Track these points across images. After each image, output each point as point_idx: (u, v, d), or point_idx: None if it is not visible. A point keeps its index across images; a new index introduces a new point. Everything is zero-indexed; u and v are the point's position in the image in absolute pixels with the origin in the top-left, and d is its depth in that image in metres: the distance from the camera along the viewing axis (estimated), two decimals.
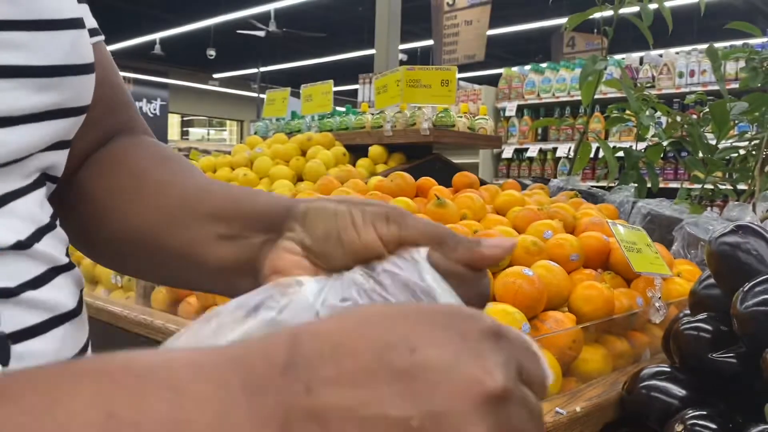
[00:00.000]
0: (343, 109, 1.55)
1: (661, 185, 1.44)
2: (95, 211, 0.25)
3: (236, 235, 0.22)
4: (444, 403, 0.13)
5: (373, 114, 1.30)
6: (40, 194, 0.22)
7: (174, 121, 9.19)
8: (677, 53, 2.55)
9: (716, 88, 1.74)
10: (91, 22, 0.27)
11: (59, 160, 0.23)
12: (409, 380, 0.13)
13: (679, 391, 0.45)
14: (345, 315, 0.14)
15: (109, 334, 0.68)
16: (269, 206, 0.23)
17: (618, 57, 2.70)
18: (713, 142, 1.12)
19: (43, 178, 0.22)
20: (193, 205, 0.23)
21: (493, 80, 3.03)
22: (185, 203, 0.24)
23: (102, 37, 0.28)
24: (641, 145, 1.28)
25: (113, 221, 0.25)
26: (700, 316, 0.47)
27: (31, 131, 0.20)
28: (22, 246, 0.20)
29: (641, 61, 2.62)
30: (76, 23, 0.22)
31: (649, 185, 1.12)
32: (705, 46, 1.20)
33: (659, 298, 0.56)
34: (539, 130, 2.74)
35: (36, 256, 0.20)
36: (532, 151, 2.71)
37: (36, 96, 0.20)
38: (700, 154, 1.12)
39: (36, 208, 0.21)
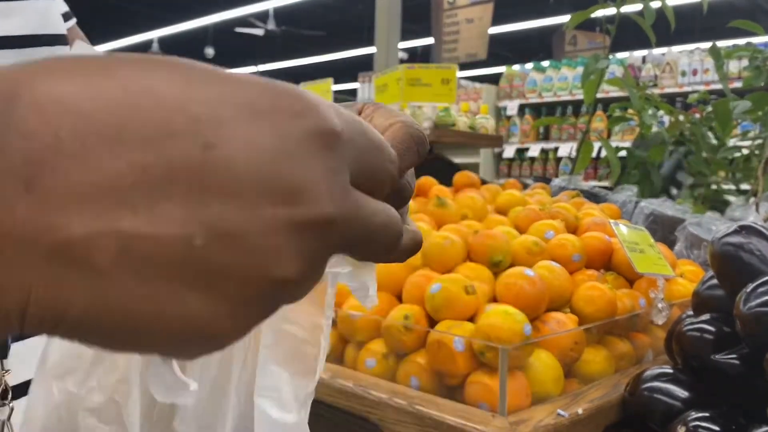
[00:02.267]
0: None
1: None
2: None
3: None
4: (243, 221, 0.09)
5: None
6: None
7: None
8: (680, 52, 2.54)
9: (719, 87, 1.73)
10: (62, 6, 0.26)
11: None
12: (195, 185, 0.09)
13: (682, 393, 0.44)
14: (121, 56, 0.09)
15: None
16: None
17: (620, 56, 2.70)
18: (716, 142, 1.11)
19: None
20: None
21: (494, 79, 3.02)
22: None
23: (75, 20, 0.28)
24: None
25: None
26: (703, 317, 0.46)
27: None
28: None
29: (644, 59, 2.62)
30: None
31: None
32: (708, 44, 1.20)
33: (662, 299, 0.55)
34: (541, 130, 2.73)
35: None
36: (534, 150, 2.71)
37: None
38: (704, 154, 1.12)
39: None
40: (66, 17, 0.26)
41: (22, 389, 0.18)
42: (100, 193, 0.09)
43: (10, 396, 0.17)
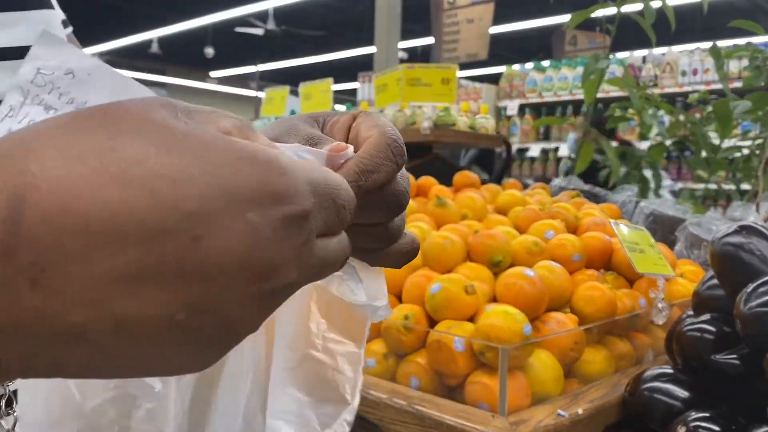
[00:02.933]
0: (342, 107, 1.54)
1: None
2: None
3: None
4: (220, 299, 0.11)
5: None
6: None
7: None
8: (680, 52, 2.54)
9: (719, 86, 1.73)
10: (60, 12, 0.26)
11: None
12: (184, 274, 0.10)
13: (682, 393, 0.44)
14: (103, 159, 0.10)
15: None
16: None
17: (620, 55, 2.69)
18: (716, 142, 1.11)
19: None
20: None
21: (494, 79, 3.02)
22: None
23: (71, 29, 0.28)
24: (644, 145, 1.28)
25: None
26: (703, 317, 0.46)
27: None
28: None
29: (644, 59, 2.61)
30: (44, 3, 0.22)
31: (652, 185, 1.11)
32: (708, 44, 1.20)
33: (662, 299, 0.55)
34: (541, 129, 2.73)
35: None
36: (534, 150, 2.71)
37: (9, 81, 0.19)
38: (704, 154, 1.12)
39: None
40: (64, 24, 0.26)
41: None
42: (98, 287, 0.10)
43: (15, 404, 0.17)
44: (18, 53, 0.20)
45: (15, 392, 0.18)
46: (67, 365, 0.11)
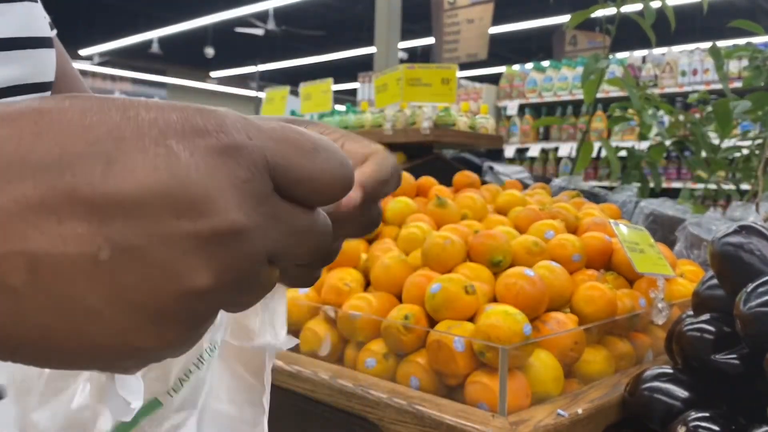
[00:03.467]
0: (342, 107, 1.55)
1: (664, 185, 1.44)
2: None
3: None
4: (146, 235, 0.10)
5: (373, 113, 1.30)
6: None
7: None
8: (680, 52, 2.54)
9: (719, 86, 1.73)
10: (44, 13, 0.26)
11: None
12: (98, 204, 0.09)
13: (682, 393, 0.44)
14: (23, 105, 0.10)
15: None
16: None
17: (620, 55, 2.69)
18: (716, 142, 1.11)
19: None
20: None
21: (494, 79, 3.02)
22: None
23: (55, 31, 0.28)
24: (644, 145, 1.28)
25: None
26: (703, 317, 0.46)
27: None
28: None
29: (644, 59, 2.61)
30: None
31: (651, 185, 1.12)
32: (708, 44, 1.20)
33: (662, 299, 0.55)
34: (541, 130, 2.73)
35: None
36: (534, 150, 2.70)
37: None
38: (703, 154, 1.12)
39: None
40: (51, 27, 0.26)
41: None
42: (7, 216, 0.09)
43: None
44: (1, 45, 0.20)
45: None
46: None
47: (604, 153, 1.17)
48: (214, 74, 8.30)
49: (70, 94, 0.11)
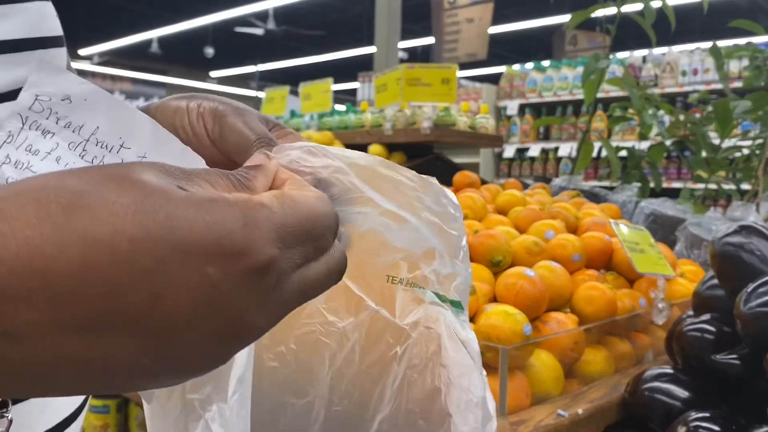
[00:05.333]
0: (342, 107, 1.55)
1: (664, 185, 1.43)
2: None
3: None
4: (182, 345, 0.12)
5: (373, 113, 1.30)
6: None
7: None
8: (680, 52, 2.53)
9: (719, 86, 1.73)
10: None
11: None
12: (146, 329, 0.11)
13: (682, 393, 0.44)
14: (58, 232, 0.11)
15: None
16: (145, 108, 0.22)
17: (620, 55, 2.69)
18: (716, 142, 1.11)
19: None
20: None
21: (494, 79, 3.02)
22: None
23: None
24: (644, 145, 1.28)
25: None
26: (703, 317, 0.46)
27: (7, 110, 0.19)
28: None
29: (644, 59, 2.61)
30: None
31: (652, 185, 1.11)
32: (708, 44, 1.20)
33: (662, 299, 0.55)
34: (541, 129, 2.73)
35: None
36: (534, 150, 2.70)
37: (10, 72, 0.19)
38: (704, 154, 1.12)
39: None
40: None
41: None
42: (62, 337, 0.11)
43: (9, 407, 0.17)
44: (13, 46, 0.20)
45: None
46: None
47: (604, 153, 1.17)
48: (214, 74, 8.30)
49: (113, 202, 0.11)
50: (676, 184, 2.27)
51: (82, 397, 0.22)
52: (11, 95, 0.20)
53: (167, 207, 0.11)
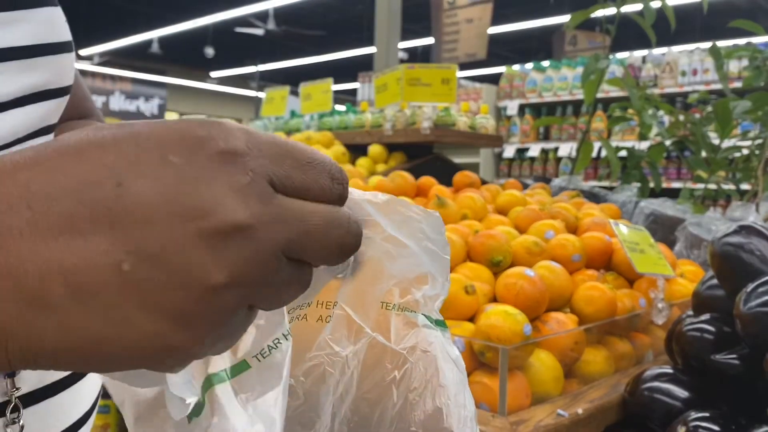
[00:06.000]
0: (342, 107, 1.55)
1: (664, 185, 1.44)
2: None
3: None
4: (159, 241, 0.11)
5: (373, 113, 1.30)
6: None
7: None
8: (680, 52, 2.54)
9: (719, 87, 1.73)
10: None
11: None
12: (115, 219, 0.11)
13: (682, 393, 0.44)
14: (42, 145, 0.12)
15: None
16: None
17: (620, 56, 2.69)
18: (716, 142, 1.11)
19: None
20: None
21: (494, 79, 3.02)
22: None
23: None
24: (644, 145, 1.28)
25: None
26: (703, 317, 0.46)
27: (16, 117, 0.20)
28: None
29: (644, 59, 2.61)
30: (49, 0, 0.21)
31: (651, 185, 1.12)
32: (708, 44, 1.20)
33: (662, 299, 0.55)
34: (541, 130, 2.73)
35: None
36: (534, 150, 2.70)
37: (19, 79, 0.20)
38: (703, 154, 1.12)
39: None
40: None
41: (29, 399, 0.18)
42: (44, 240, 0.11)
43: (21, 412, 0.17)
44: (23, 53, 0.20)
45: (22, 398, 0.18)
46: (42, 337, 0.11)
47: (604, 153, 1.17)
48: (214, 74, 8.30)
49: (85, 129, 0.12)
50: (676, 184, 2.27)
51: (92, 399, 0.22)
52: (21, 101, 0.20)
53: (141, 125, 0.12)
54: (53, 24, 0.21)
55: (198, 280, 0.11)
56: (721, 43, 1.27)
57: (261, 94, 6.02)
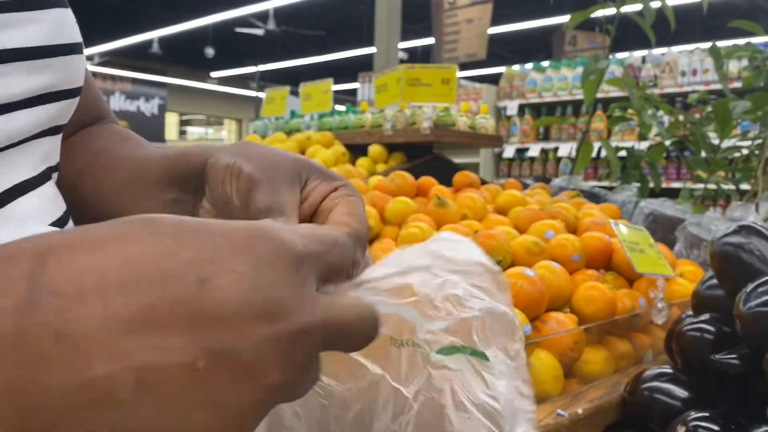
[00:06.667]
0: (342, 108, 1.55)
1: (664, 185, 1.44)
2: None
3: (178, 199, 0.22)
4: (235, 341, 0.11)
5: (373, 113, 1.30)
6: (50, 187, 0.21)
7: (172, 121, 9.17)
8: (680, 52, 2.54)
9: (719, 87, 1.73)
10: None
11: (55, 146, 0.23)
12: (195, 317, 0.11)
13: (682, 393, 0.44)
14: (116, 227, 0.12)
15: None
16: (194, 164, 0.22)
17: (620, 56, 2.70)
18: (716, 142, 1.11)
19: (49, 172, 0.22)
20: (141, 175, 0.23)
21: (494, 79, 3.02)
22: (135, 174, 0.24)
23: None
24: (644, 145, 1.28)
25: (75, 201, 0.25)
26: (703, 317, 0.46)
27: (24, 117, 0.20)
28: None
29: (643, 59, 2.62)
30: (59, 1, 0.21)
31: (651, 185, 1.12)
32: (708, 44, 1.20)
33: (662, 298, 0.55)
34: (541, 130, 2.73)
35: None
36: (534, 150, 2.71)
37: (28, 79, 0.19)
38: (703, 154, 1.12)
39: (46, 203, 0.21)
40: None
41: None
42: (118, 336, 0.11)
43: None
44: (32, 53, 0.19)
45: None
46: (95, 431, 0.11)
47: (603, 153, 1.17)
48: (214, 74, 8.30)
49: (156, 216, 0.12)
50: (676, 184, 2.27)
51: None
52: (30, 102, 0.20)
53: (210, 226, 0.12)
54: (63, 25, 0.21)
55: (261, 381, 0.12)
56: (721, 43, 1.27)
57: (261, 95, 6.02)
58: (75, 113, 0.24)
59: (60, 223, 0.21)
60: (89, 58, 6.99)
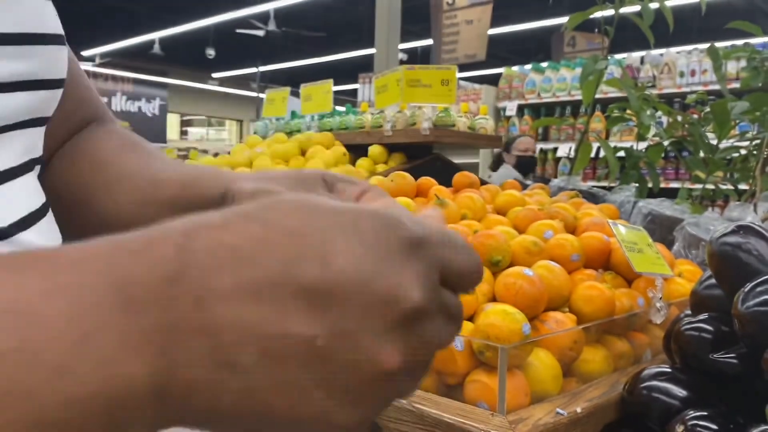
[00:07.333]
0: (342, 108, 1.55)
1: (662, 185, 1.44)
2: (58, 207, 0.24)
3: None
4: (354, 321, 0.12)
5: (373, 114, 1.30)
6: (31, 178, 0.21)
7: (173, 121, 9.18)
8: (678, 53, 2.54)
9: (717, 87, 1.74)
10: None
11: (39, 138, 0.23)
12: (317, 295, 0.11)
13: (680, 392, 0.45)
14: (250, 212, 0.12)
15: None
16: (211, 192, 0.22)
17: (619, 56, 2.70)
18: (714, 142, 1.12)
19: (31, 163, 0.22)
20: (150, 197, 0.24)
21: (493, 80, 3.03)
22: (143, 195, 0.24)
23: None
24: (642, 145, 1.28)
25: (75, 217, 0.25)
26: (701, 317, 0.47)
27: (7, 100, 0.20)
28: (3, 235, 0.19)
29: (642, 60, 2.62)
30: None
31: (650, 185, 1.12)
32: (706, 45, 1.20)
33: (660, 298, 0.56)
34: (540, 130, 2.74)
35: (18, 246, 0.20)
36: None
37: (9, 64, 0.19)
38: (702, 154, 1.12)
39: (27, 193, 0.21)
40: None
41: None
42: (248, 306, 0.11)
43: None
44: (15, 39, 0.19)
45: None
46: (221, 399, 0.11)
47: (602, 153, 1.17)
48: (215, 75, 8.30)
49: (274, 198, 0.13)
50: (674, 185, 2.28)
51: None
52: (12, 87, 0.20)
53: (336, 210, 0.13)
54: (40, 15, 0.21)
55: (378, 363, 0.12)
56: (719, 44, 1.27)
57: (262, 95, 6.02)
58: (68, 111, 0.24)
59: (38, 214, 0.21)
60: (91, 59, 7.00)
